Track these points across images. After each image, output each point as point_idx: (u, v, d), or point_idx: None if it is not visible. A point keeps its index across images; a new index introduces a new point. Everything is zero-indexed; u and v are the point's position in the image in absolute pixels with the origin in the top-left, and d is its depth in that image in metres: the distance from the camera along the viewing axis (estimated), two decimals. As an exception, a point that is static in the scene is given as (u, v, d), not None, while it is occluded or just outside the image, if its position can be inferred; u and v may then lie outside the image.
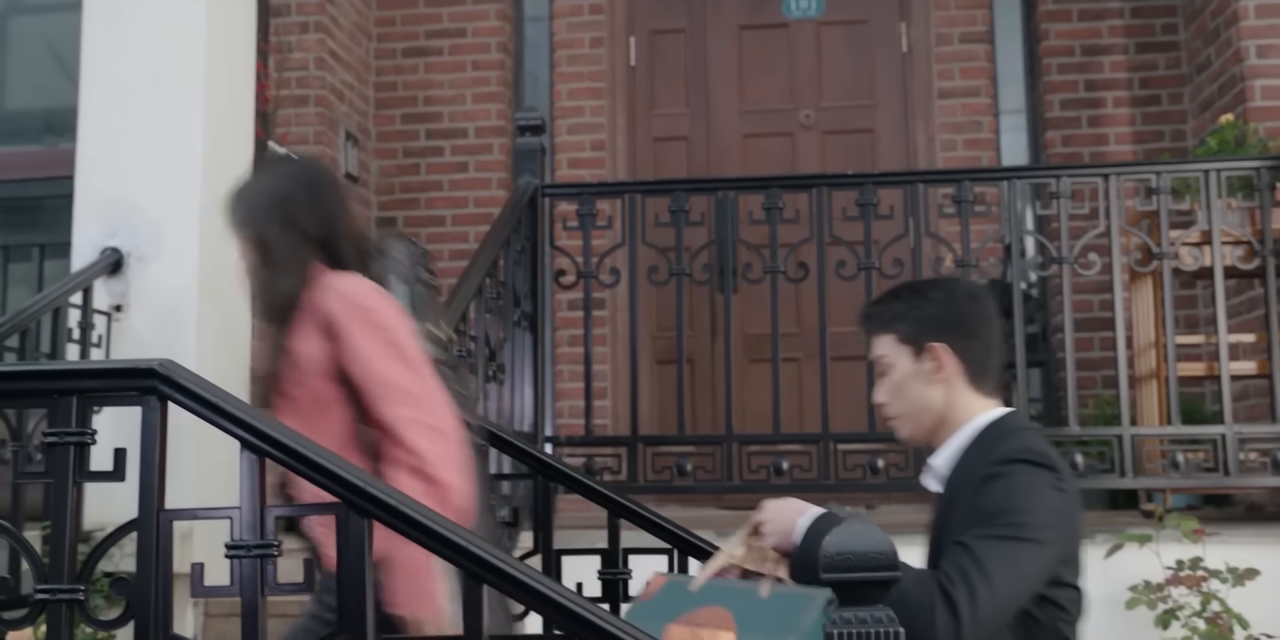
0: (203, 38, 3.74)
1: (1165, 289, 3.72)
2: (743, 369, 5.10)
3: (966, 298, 1.99)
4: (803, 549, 1.82)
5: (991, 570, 1.73)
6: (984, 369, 1.96)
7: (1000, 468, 1.83)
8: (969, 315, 1.96)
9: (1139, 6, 5.18)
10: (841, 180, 3.88)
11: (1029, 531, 1.77)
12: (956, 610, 1.70)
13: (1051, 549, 1.79)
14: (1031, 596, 1.80)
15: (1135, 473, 3.65)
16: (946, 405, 1.95)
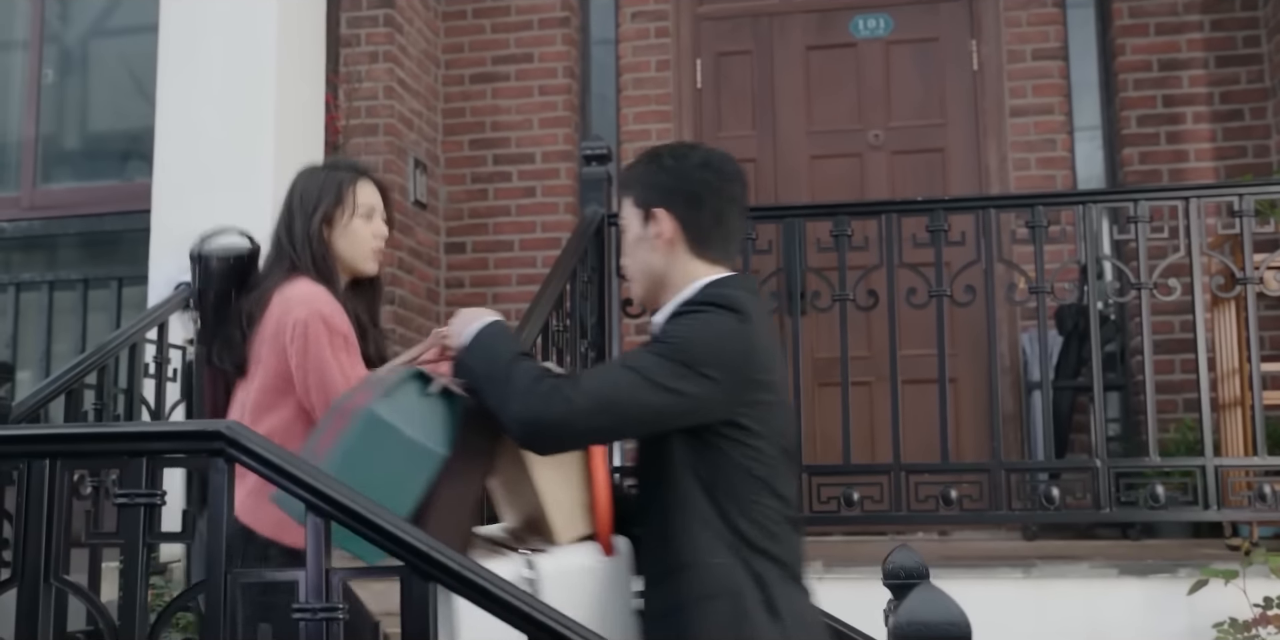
0: (273, 74, 3.81)
1: (1249, 314, 3.60)
2: (813, 393, 5.05)
3: (698, 166, 1.97)
4: (466, 350, 1.89)
5: (619, 370, 1.83)
6: (708, 237, 1.95)
7: (686, 309, 1.88)
8: (696, 184, 1.96)
9: (1219, 19, 5.06)
10: (911, 206, 3.83)
11: (684, 355, 1.80)
12: (561, 390, 1.77)
13: (717, 386, 1.80)
14: (698, 431, 1.81)
15: (1220, 505, 3.54)
16: (667, 269, 1.96)
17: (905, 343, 4.70)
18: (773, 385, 1.89)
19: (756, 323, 1.88)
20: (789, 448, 1.91)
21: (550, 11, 5.51)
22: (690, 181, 1.96)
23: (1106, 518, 3.61)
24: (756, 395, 1.85)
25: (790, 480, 1.92)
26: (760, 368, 1.86)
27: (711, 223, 1.96)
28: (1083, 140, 5.19)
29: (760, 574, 1.82)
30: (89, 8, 5.28)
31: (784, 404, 1.94)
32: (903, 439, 3.74)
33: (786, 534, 1.88)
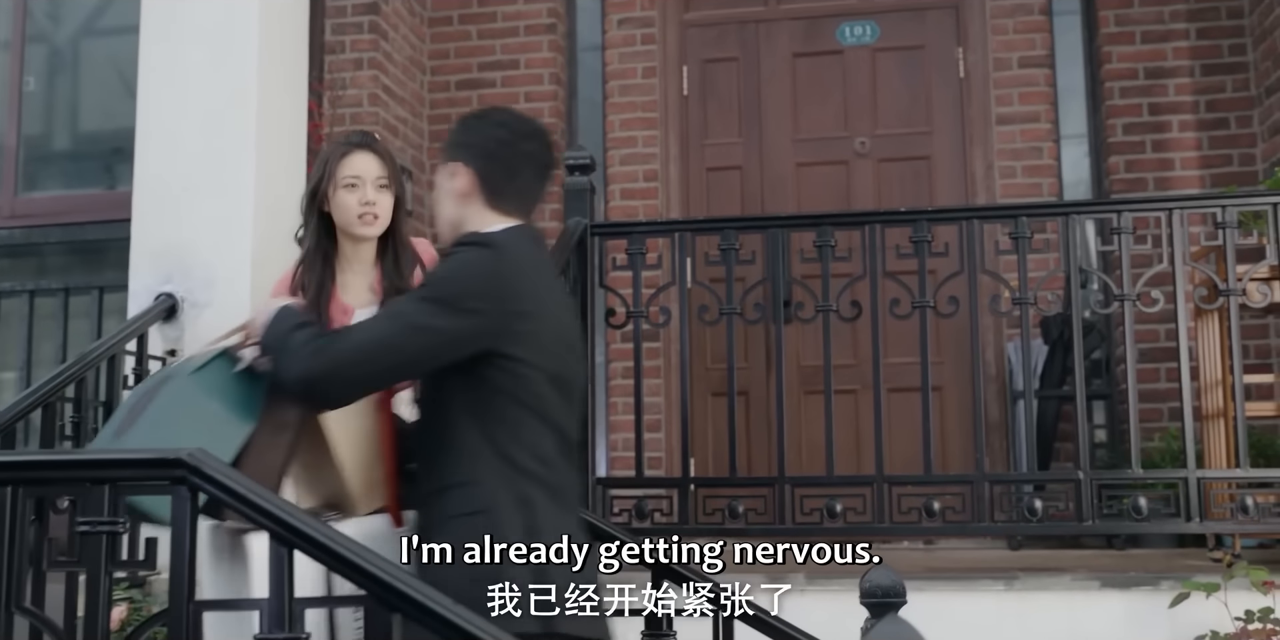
0: (254, 83, 3.78)
1: (1232, 326, 3.60)
2: (799, 401, 5.05)
3: (494, 125, 2.16)
4: (261, 332, 2.09)
5: (382, 320, 2.01)
6: (501, 191, 2.11)
7: (448, 251, 2.06)
8: (492, 141, 2.13)
9: (1205, 27, 5.05)
10: (895, 217, 3.82)
11: (440, 293, 1.97)
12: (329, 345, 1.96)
13: (476, 318, 1.95)
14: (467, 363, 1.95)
15: (1202, 517, 3.53)
16: (464, 220, 2.12)
17: (892, 350, 4.71)
18: (535, 315, 2.02)
19: (515, 256, 2.03)
20: (563, 376, 2.04)
21: (537, 18, 5.50)
22: (486, 138, 2.13)
23: (1089, 530, 3.61)
24: (517, 325, 1.98)
25: (565, 408, 2.05)
26: (519, 298, 2.00)
27: (504, 177, 2.11)
28: (1069, 148, 5.19)
29: (525, 496, 1.94)
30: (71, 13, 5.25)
31: (554, 334, 2.05)
32: (891, 446, 3.74)
33: (555, 460, 2.00)
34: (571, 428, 2.08)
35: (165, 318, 3.62)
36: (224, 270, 3.64)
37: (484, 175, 2.11)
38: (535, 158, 2.16)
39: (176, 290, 3.64)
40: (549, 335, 2.03)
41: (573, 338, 2.14)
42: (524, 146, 2.14)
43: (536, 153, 2.16)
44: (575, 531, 2.02)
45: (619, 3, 5.52)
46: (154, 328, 3.58)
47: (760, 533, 3.78)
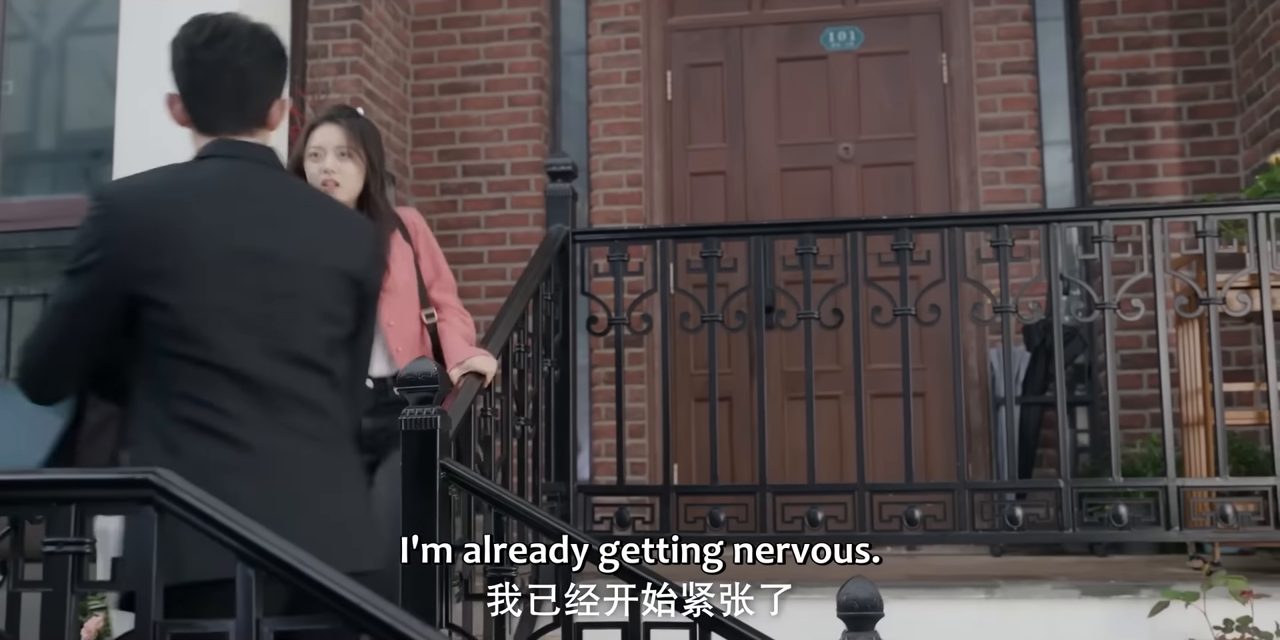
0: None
1: (1212, 334, 3.61)
2: (783, 406, 5.05)
3: (177, 41, 1.97)
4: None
5: (43, 319, 1.87)
6: (198, 114, 1.97)
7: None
8: (183, 67, 1.96)
9: (1187, 34, 5.07)
10: (876, 225, 3.82)
11: (69, 262, 1.84)
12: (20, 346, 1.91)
13: (97, 272, 1.81)
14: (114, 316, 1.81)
15: (1182, 525, 3.54)
16: (193, 149, 2.01)
17: (875, 356, 4.71)
18: (175, 247, 1.83)
19: (124, 190, 1.94)
20: (241, 307, 1.85)
21: (520, 22, 5.49)
22: (175, 56, 1.97)
23: (1070, 538, 3.62)
24: (145, 265, 1.81)
25: (252, 342, 1.85)
26: (136, 239, 1.82)
27: (199, 94, 1.96)
28: (1052, 154, 5.20)
29: (198, 423, 1.80)
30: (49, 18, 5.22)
31: (202, 252, 1.84)
32: (874, 452, 3.75)
33: (240, 410, 1.82)
34: (257, 356, 1.86)
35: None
36: (203, 277, 3.61)
37: (189, 105, 1.97)
38: (228, 62, 1.94)
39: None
40: (214, 260, 1.84)
41: (268, 243, 1.90)
42: (209, 54, 1.93)
43: (229, 56, 1.94)
44: (252, 458, 1.82)
45: (603, 7, 5.51)
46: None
47: (742, 541, 3.76)
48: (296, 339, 1.90)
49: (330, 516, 1.87)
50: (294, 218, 1.96)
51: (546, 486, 3.63)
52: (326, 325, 1.94)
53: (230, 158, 1.96)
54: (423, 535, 2.52)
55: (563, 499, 3.74)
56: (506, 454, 3.20)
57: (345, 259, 1.99)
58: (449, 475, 2.56)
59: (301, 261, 1.93)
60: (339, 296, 1.97)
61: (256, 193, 1.95)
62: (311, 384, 1.90)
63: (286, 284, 1.90)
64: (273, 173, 2.01)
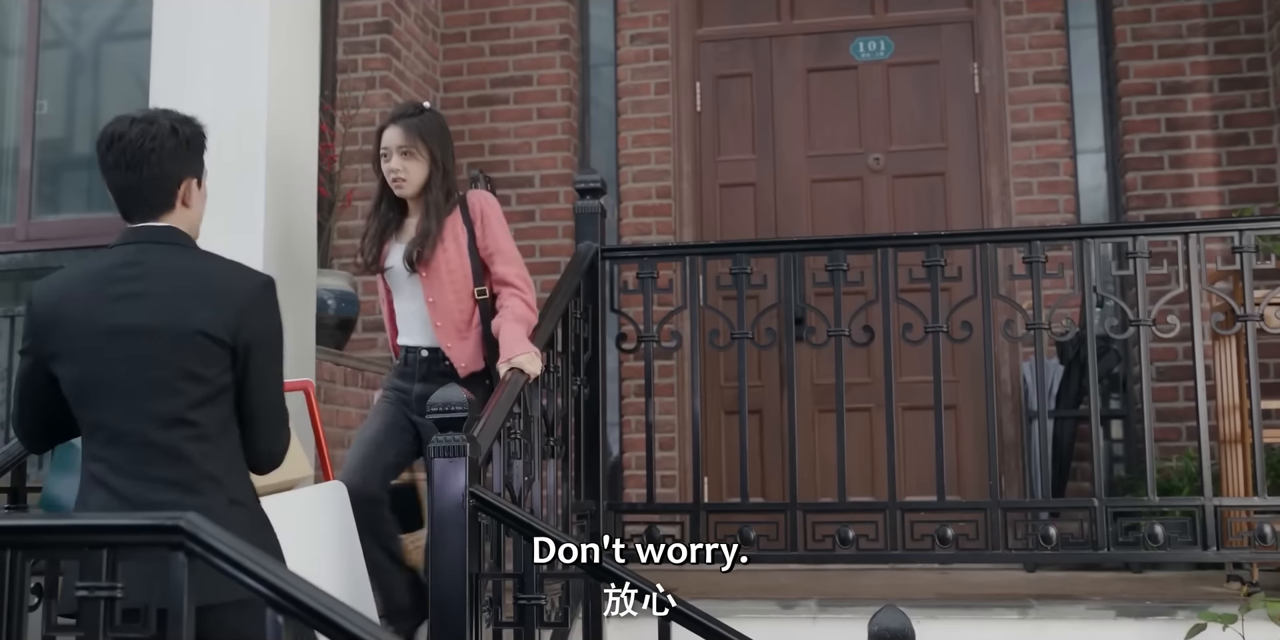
0: (264, 109, 3.77)
1: (1249, 352, 3.56)
2: (813, 419, 5.04)
3: (99, 159, 2.33)
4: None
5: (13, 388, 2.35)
6: (121, 209, 2.35)
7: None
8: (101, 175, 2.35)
9: (1223, 41, 5.00)
10: (907, 241, 3.79)
11: (21, 345, 2.32)
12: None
13: (29, 355, 2.28)
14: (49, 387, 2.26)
15: (1219, 545, 3.50)
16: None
17: (906, 369, 4.68)
18: (57, 333, 2.23)
19: (48, 284, 2.30)
20: (96, 371, 2.21)
21: (549, 34, 5.49)
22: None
23: (1105, 558, 3.58)
24: (48, 348, 2.24)
25: (107, 397, 2.21)
26: (42, 324, 2.25)
27: (113, 193, 2.34)
28: (1085, 164, 5.14)
29: (92, 473, 2.22)
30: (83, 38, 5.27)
31: (78, 330, 2.22)
32: (905, 464, 3.73)
33: (109, 447, 2.21)
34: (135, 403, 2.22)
35: (177, 344, 3.62)
36: (235, 297, 3.63)
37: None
38: (119, 166, 2.30)
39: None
40: (81, 338, 2.22)
41: (128, 317, 2.22)
42: (105, 162, 2.31)
43: (118, 161, 2.30)
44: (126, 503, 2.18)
45: (632, 18, 5.50)
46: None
47: (772, 560, 3.77)
48: (159, 400, 2.21)
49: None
50: (158, 293, 2.25)
51: (576, 505, 3.63)
52: (191, 384, 2.22)
53: (130, 243, 2.31)
54: (453, 561, 2.54)
55: (593, 517, 3.74)
56: (536, 473, 3.20)
57: (207, 324, 2.23)
58: (479, 502, 2.56)
59: (159, 331, 2.22)
60: (204, 358, 2.23)
61: (132, 274, 2.25)
62: (175, 437, 2.21)
63: (146, 352, 2.21)
64: (164, 250, 2.31)
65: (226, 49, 3.85)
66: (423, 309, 3.26)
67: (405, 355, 3.31)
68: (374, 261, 3.34)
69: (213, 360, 2.23)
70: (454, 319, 3.24)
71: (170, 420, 2.20)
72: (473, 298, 3.27)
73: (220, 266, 2.36)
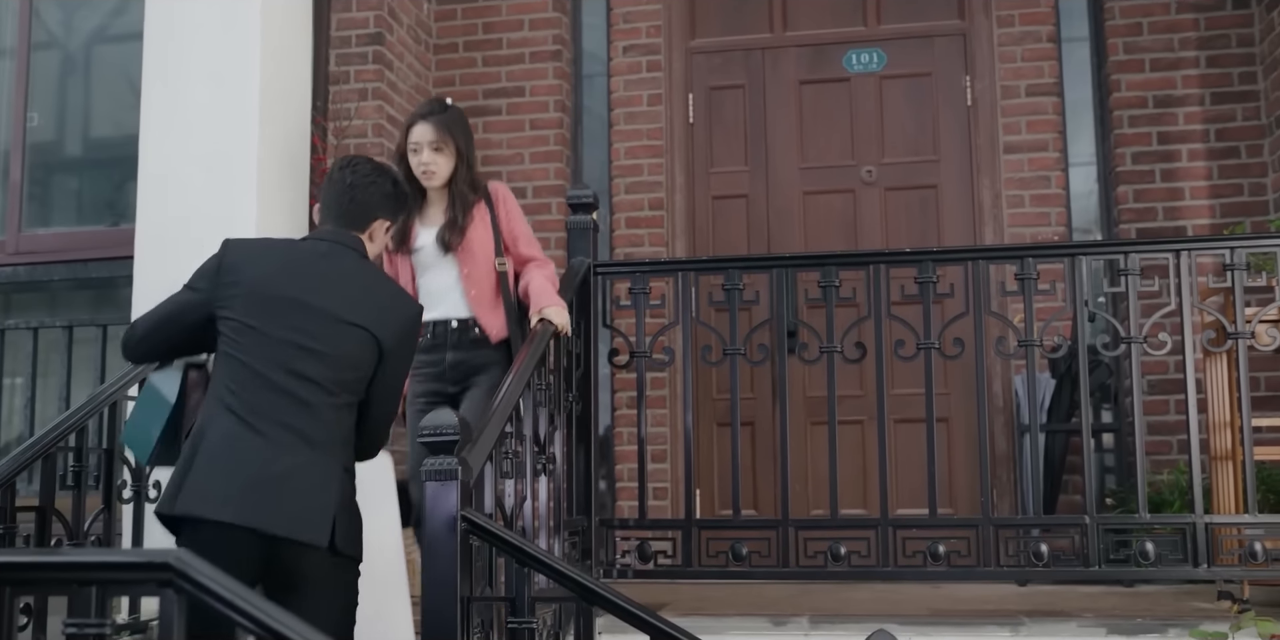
0: (256, 123, 3.78)
1: (1240, 369, 3.57)
2: (805, 431, 5.03)
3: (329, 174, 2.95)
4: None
5: (157, 306, 2.80)
6: (322, 214, 2.90)
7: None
8: (324, 184, 2.94)
9: (1215, 55, 5.01)
10: (900, 257, 3.79)
11: (190, 280, 2.75)
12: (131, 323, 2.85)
13: (201, 293, 2.70)
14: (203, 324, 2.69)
15: (1210, 562, 3.50)
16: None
17: (899, 381, 4.69)
18: (243, 283, 2.68)
19: (237, 245, 2.77)
20: (266, 326, 2.65)
21: (542, 45, 5.48)
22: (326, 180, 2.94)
23: (1096, 575, 3.58)
24: (227, 291, 2.67)
25: (262, 346, 2.63)
26: (228, 274, 2.70)
27: (323, 197, 2.92)
28: (1077, 177, 5.14)
29: (225, 403, 2.61)
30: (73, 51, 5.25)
31: (258, 290, 2.68)
32: (898, 476, 3.74)
33: (245, 384, 2.61)
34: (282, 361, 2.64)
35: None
36: (226, 312, 3.62)
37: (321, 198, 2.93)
38: (336, 182, 2.89)
39: (179, 332, 3.63)
40: (259, 295, 2.67)
41: (306, 295, 2.69)
42: (334, 175, 2.89)
43: (336, 178, 2.89)
44: (259, 437, 2.58)
45: (625, 29, 5.50)
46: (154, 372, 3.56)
47: (764, 577, 3.77)
48: (314, 364, 2.64)
49: (284, 487, 2.55)
50: (342, 286, 2.74)
51: (569, 521, 3.62)
52: (333, 359, 2.65)
53: (322, 240, 2.84)
54: (445, 585, 2.54)
55: (585, 533, 3.73)
56: (529, 491, 3.19)
57: (368, 321, 2.71)
58: (470, 526, 2.55)
59: (331, 313, 2.68)
60: (355, 344, 2.69)
61: (323, 265, 2.76)
62: (315, 397, 2.62)
63: (316, 325, 2.66)
64: (352, 257, 2.81)
65: (217, 67, 3.86)
66: (457, 283, 3.54)
67: (433, 329, 3.53)
68: (402, 244, 3.57)
69: (363, 349, 2.69)
70: (485, 289, 3.54)
71: (315, 383, 2.62)
72: (495, 270, 3.57)
73: (392, 286, 2.91)
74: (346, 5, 5.05)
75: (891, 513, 3.68)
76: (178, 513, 2.55)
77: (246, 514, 2.52)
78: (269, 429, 2.57)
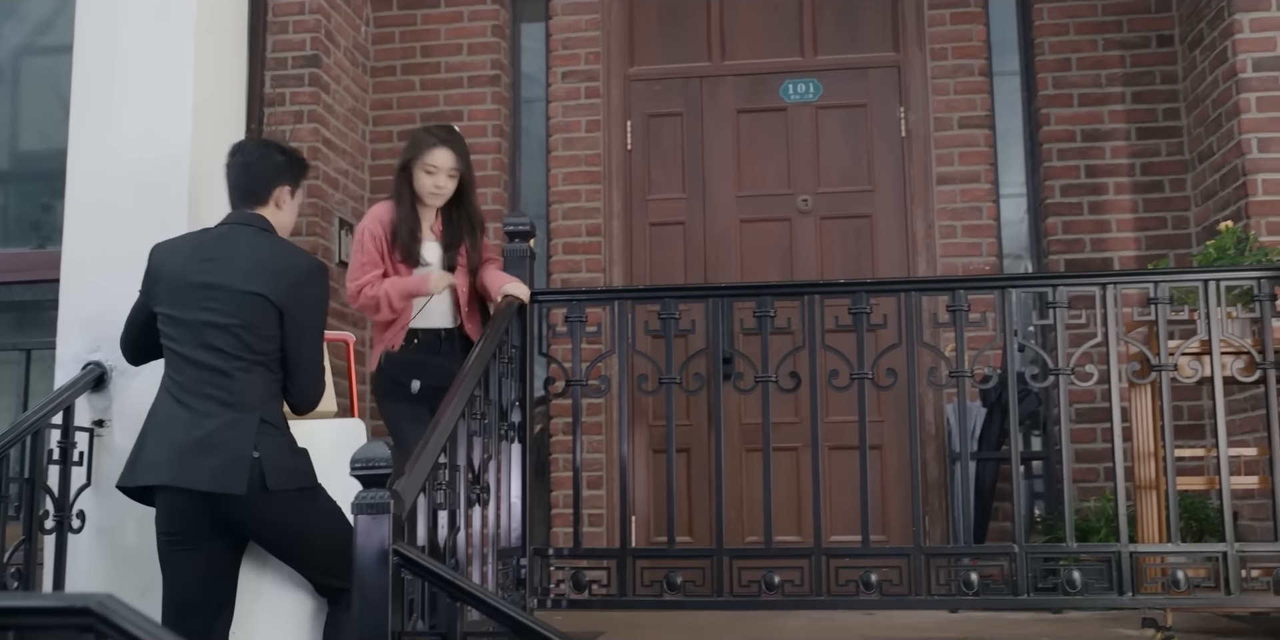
0: (188, 146, 3.71)
1: (1164, 401, 3.64)
2: (741, 458, 5.05)
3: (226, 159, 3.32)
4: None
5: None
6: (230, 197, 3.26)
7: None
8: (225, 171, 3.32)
9: (1140, 91, 5.14)
10: (834, 288, 3.83)
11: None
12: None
13: (141, 296, 3.13)
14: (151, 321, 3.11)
15: (1135, 590, 3.56)
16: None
17: (833, 409, 4.74)
18: (162, 278, 3.10)
19: (158, 247, 3.18)
20: (181, 314, 3.04)
21: (481, 69, 5.48)
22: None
23: (1025, 604, 3.63)
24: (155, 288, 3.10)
25: (183, 331, 3.04)
26: (151, 272, 3.13)
27: (228, 186, 3.28)
28: (1008, 208, 5.24)
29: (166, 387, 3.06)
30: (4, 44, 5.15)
31: (174, 282, 3.07)
32: (832, 502, 3.75)
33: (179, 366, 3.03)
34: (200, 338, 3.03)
35: (94, 387, 3.53)
36: (154, 339, 3.56)
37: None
38: (231, 166, 3.25)
39: (106, 358, 3.55)
40: (175, 287, 3.05)
41: (210, 276, 3.04)
42: (229, 161, 3.25)
43: (230, 163, 3.25)
44: (185, 409, 2.99)
45: (564, 56, 5.51)
46: (82, 399, 3.49)
47: (698, 606, 3.76)
48: (217, 337, 3.00)
49: (203, 447, 2.93)
50: (237, 261, 3.07)
51: (504, 551, 3.60)
52: (237, 328, 3.00)
53: (223, 224, 3.20)
54: (377, 619, 2.51)
55: (519, 562, 3.71)
56: (463, 522, 3.16)
57: (263, 288, 3.03)
58: (402, 560, 2.52)
59: (227, 288, 3.03)
60: (254, 310, 3.02)
61: (223, 246, 3.11)
62: (230, 366, 2.98)
63: (219, 303, 3.02)
64: (248, 232, 3.14)
65: (149, 84, 3.79)
66: (448, 295, 3.87)
67: (423, 336, 3.87)
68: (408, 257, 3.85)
69: (267, 316, 3.01)
70: (469, 301, 3.91)
71: (225, 352, 2.98)
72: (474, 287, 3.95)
73: (284, 249, 3.15)
74: (283, 27, 5.01)
75: (826, 539, 3.69)
76: (130, 484, 3.02)
77: (177, 475, 2.94)
78: (193, 401, 2.97)
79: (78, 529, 3.43)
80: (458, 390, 3.26)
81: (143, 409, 3.51)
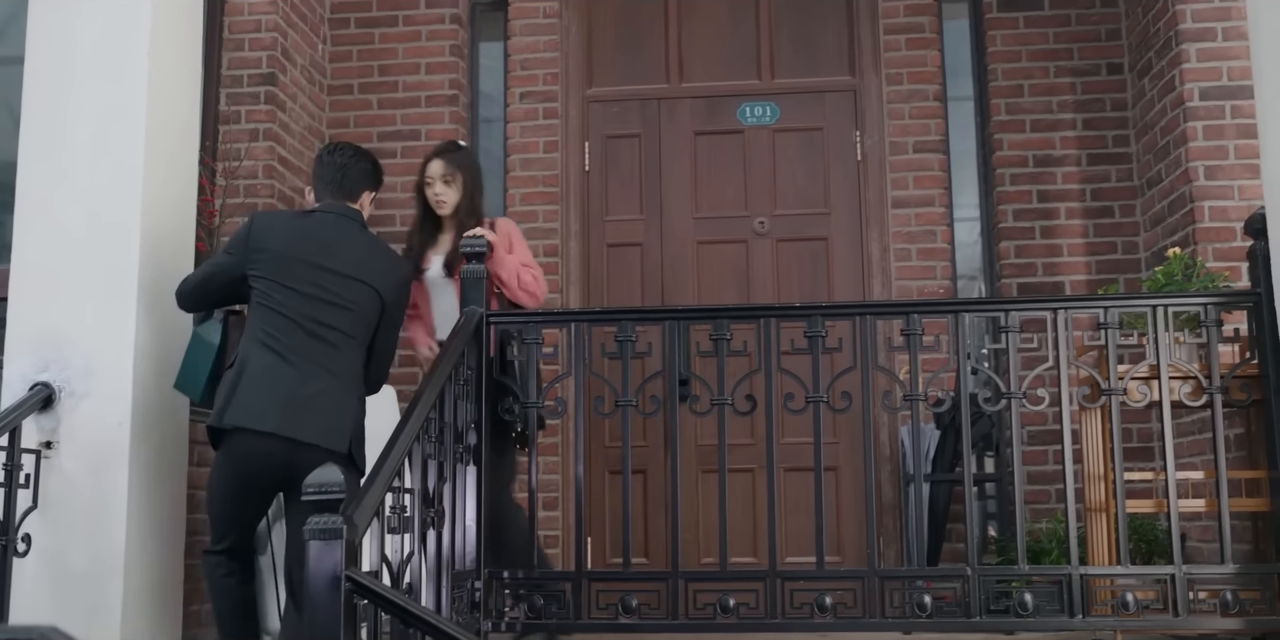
0: (140, 165, 3.67)
1: (1114, 424, 3.69)
2: (697, 479, 5.06)
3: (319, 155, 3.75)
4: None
5: (203, 267, 3.60)
6: (317, 190, 3.65)
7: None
8: (315, 164, 3.73)
9: (1090, 118, 5.22)
10: (790, 311, 3.85)
11: (228, 247, 3.52)
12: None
13: (234, 257, 3.43)
14: (237, 282, 3.43)
15: (1085, 612, 3.59)
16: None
17: (789, 430, 4.75)
18: (268, 248, 3.40)
19: (265, 218, 3.55)
20: (292, 283, 3.38)
21: (439, 89, 5.47)
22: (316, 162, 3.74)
23: (978, 626, 3.65)
24: (256, 256, 3.39)
25: (299, 300, 3.38)
26: (255, 240, 3.43)
27: (317, 179, 3.67)
28: (962, 231, 5.30)
29: (262, 340, 3.34)
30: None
31: (289, 258, 3.40)
32: (788, 523, 3.76)
33: (283, 329, 3.34)
34: (303, 305, 3.38)
35: (41, 408, 3.48)
36: (105, 359, 3.51)
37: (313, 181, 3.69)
38: (329, 165, 3.62)
39: (54, 379, 3.51)
40: (283, 259, 3.37)
41: (321, 258, 3.41)
42: (326, 159, 3.64)
43: (328, 161, 3.63)
44: (292, 368, 3.31)
45: (522, 76, 5.52)
46: (29, 419, 3.43)
47: (653, 630, 3.75)
48: (327, 313, 3.38)
49: (312, 405, 3.28)
50: (347, 250, 3.48)
51: (458, 574, 3.57)
52: (344, 310, 3.40)
53: (329, 212, 3.56)
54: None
55: (474, 587, 3.68)
56: (417, 546, 3.14)
57: (373, 279, 3.48)
58: (355, 586, 2.50)
59: (340, 273, 3.42)
60: (364, 298, 3.45)
61: (332, 234, 3.49)
62: (337, 339, 3.37)
63: (330, 284, 3.40)
64: (354, 225, 3.55)
65: (102, 101, 3.74)
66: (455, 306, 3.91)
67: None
68: (418, 267, 4.09)
69: (372, 305, 3.46)
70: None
71: (336, 329, 3.38)
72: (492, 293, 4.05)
73: (387, 249, 3.65)
74: (239, 44, 4.98)
75: (781, 560, 3.70)
76: (226, 425, 3.26)
77: (284, 425, 3.23)
78: (301, 362, 3.29)
79: (23, 553, 3.37)
80: (413, 412, 3.24)
81: (93, 431, 3.49)
